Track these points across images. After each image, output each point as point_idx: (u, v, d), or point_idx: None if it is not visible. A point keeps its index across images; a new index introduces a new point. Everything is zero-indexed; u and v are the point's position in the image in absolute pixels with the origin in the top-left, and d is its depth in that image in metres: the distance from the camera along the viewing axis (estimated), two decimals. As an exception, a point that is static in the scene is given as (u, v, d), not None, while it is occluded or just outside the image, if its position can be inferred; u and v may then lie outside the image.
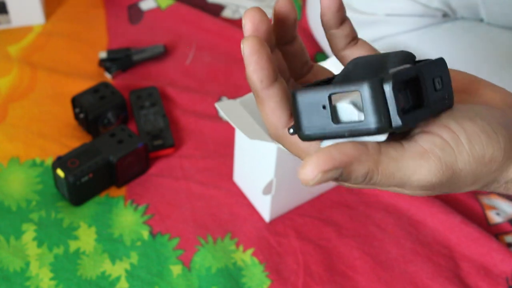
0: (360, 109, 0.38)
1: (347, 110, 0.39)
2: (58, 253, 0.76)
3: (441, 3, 0.89)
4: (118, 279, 0.75)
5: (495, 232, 0.80)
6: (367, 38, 0.92)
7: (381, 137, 0.39)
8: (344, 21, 0.45)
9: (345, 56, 0.47)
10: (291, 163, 0.74)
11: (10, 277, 0.74)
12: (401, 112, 0.37)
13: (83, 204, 0.81)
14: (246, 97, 0.73)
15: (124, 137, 0.81)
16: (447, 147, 0.42)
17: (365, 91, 0.37)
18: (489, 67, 0.87)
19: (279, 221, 0.80)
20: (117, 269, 0.75)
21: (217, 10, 1.09)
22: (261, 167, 0.75)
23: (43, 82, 0.95)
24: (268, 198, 0.77)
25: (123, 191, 0.83)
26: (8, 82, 0.94)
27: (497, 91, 0.46)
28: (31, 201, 0.81)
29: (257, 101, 0.43)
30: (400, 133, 0.41)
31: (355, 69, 0.41)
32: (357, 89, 0.37)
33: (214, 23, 1.04)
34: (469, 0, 0.88)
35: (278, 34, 0.44)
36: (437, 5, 0.90)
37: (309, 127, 0.39)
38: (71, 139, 0.88)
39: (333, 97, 0.39)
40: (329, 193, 0.83)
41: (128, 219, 0.80)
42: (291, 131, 0.41)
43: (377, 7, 0.92)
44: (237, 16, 1.08)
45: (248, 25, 0.41)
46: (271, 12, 0.54)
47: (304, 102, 0.39)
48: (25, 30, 1.02)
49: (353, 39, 0.46)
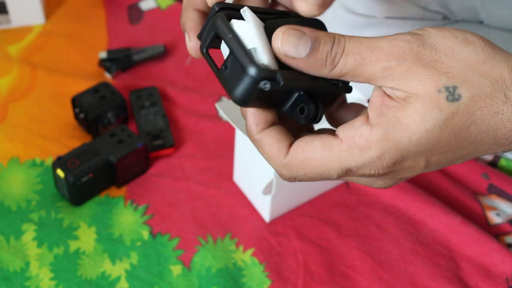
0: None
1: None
2: (58, 253, 0.76)
3: (440, 6, 0.89)
4: (118, 279, 0.75)
5: (495, 232, 0.80)
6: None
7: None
8: None
9: (338, 118, 0.48)
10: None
11: (10, 277, 0.74)
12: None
13: (83, 204, 0.81)
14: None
15: (124, 137, 0.81)
16: (411, 32, 0.43)
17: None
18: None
19: (279, 221, 0.80)
20: (117, 269, 0.75)
21: (217, 10, 1.09)
22: (261, 167, 0.75)
23: (43, 82, 0.95)
24: (268, 198, 0.77)
25: (123, 191, 0.83)
26: (8, 82, 0.94)
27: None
28: (31, 201, 0.81)
29: (255, 144, 0.46)
30: None
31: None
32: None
33: (214, 23, 1.04)
34: (468, 2, 0.88)
35: None
36: (437, 8, 0.90)
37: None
38: (71, 139, 0.88)
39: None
40: (329, 193, 0.83)
41: (128, 219, 0.80)
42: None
43: (376, 10, 0.92)
44: (237, 16, 1.08)
45: None
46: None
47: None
48: (25, 30, 1.02)
49: (343, 102, 0.48)
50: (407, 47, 0.41)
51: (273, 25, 0.44)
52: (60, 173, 0.78)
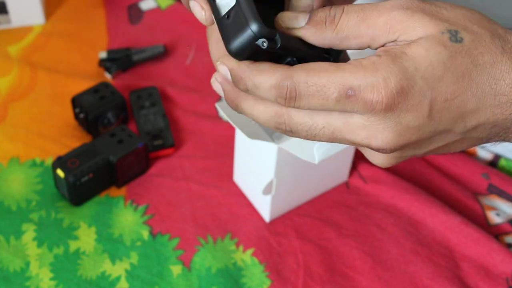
0: None
1: None
2: (58, 253, 0.76)
3: None
4: (118, 279, 0.75)
5: (495, 232, 0.80)
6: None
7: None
8: None
9: None
10: (291, 163, 0.74)
11: (10, 277, 0.74)
12: None
13: (83, 204, 0.81)
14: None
15: (124, 137, 0.81)
16: None
17: None
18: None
19: (279, 221, 0.80)
20: (117, 269, 0.75)
21: (217, 10, 1.09)
22: (261, 167, 0.75)
23: (43, 82, 0.95)
24: (268, 198, 0.77)
25: (123, 191, 0.83)
26: (8, 82, 0.94)
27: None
28: (31, 201, 0.81)
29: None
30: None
31: None
32: None
33: (214, 23, 1.04)
34: (468, 3, 0.88)
35: None
36: None
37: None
38: (71, 139, 0.88)
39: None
40: (329, 193, 0.83)
41: (128, 219, 0.80)
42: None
43: None
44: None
45: None
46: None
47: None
48: (25, 30, 1.02)
49: None
50: (408, 2, 0.43)
51: None
52: (60, 173, 0.78)
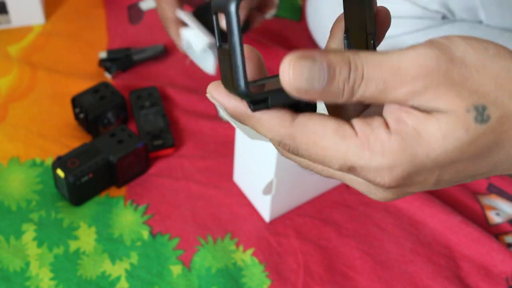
0: None
1: None
2: (58, 253, 0.76)
3: (440, 5, 0.90)
4: (118, 279, 0.75)
5: (495, 232, 0.80)
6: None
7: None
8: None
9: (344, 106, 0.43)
10: (291, 163, 0.74)
11: (10, 277, 0.74)
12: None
13: (83, 204, 0.81)
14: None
15: (124, 137, 0.81)
16: (434, 41, 0.37)
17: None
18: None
19: (279, 221, 0.80)
20: (117, 269, 0.75)
21: (217, 10, 1.09)
22: (261, 167, 0.75)
23: (43, 82, 0.95)
24: (268, 198, 0.77)
25: (123, 191, 0.83)
26: (8, 82, 0.94)
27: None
28: (31, 201, 0.81)
29: (252, 125, 0.41)
30: None
31: None
32: None
33: (214, 23, 1.04)
34: (468, 1, 0.88)
35: None
36: (436, 7, 0.90)
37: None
38: (71, 139, 0.88)
39: None
40: (329, 193, 0.83)
41: (128, 219, 0.80)
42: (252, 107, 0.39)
43: None
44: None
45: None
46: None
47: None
48: (25, 30, 1.02)
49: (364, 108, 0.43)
50: (435, 66, 0.36)
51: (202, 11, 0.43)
52: (60, 173, 0.78)
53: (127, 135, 0.82)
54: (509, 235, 0.80)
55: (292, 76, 0.36)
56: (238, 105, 0.40)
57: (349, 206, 0.82)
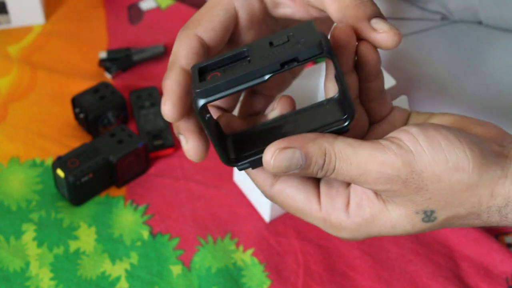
0: None
1: None
2: (58, 253, 0.76)
3: (439, 6, 0.89)
4: (118, 279, 0.75)
5: (495, 232, 0.80)
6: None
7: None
8: (379, 74, 0.48)
9: (372, 107, 0.50)
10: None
11: (10, 277, 0.74)
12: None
13: (83, 204, 0.81)
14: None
15: (124, 137, 0.81)
16: (403, 146, 0.43)
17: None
18: (488, 69, 0.87)
19: (279, 221, 0.80)
20: (117, 269, 0.75)
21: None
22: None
23: (43, 82, 0.95)
24: (268, 198, 0.77)
25: (123, 191, 0.83)
26: (8, 82, 0.94)
27: (483, 125, 0.47)
28: (31, 201, 0.81)
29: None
30: None
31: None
32: None
33: (214, 23, 1.04)
34: (467, 2, 0.88)
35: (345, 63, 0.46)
36: (436, 8, 0.90)
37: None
38: (71, 139, 0.88)
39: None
40: (329, 193, 0.83)
41: (128, 219, 0.80)
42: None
43: None
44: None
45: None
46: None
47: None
48: (25, 30, 1.02)
49: (380, 93, 0.49)
50: (395, 177, 0.43)
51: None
52: (60, 173, 0.78)
53: (127, 135, 0.82)
54: (509, 235, 0.80)
55: (273, 164, 0.44)
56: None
57: (349, 206, 0.82)
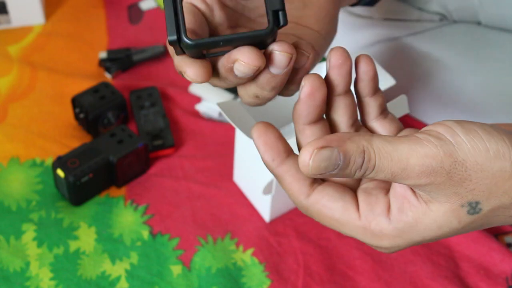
0: None
1: None
2: (58, 253, 0.76)
3: (438, 7, 0.90)
4: (118, 279, 0.75)
5: (495, 232, 0.80)
6: (364, 41, 0.92)
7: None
8: (377, 91, 0.47)
9: (374, 127, 0.49)
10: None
11: (10, 277, 0.74)
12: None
13: (83, 204, 0.81)
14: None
15: (124, 137, 0.82)
16: (442, 137, 0.42)
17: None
18: (487, 70, 0.87)
19: (279, 221, 0.80)
20: (117, 269, 0.75)
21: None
22: (261, 167, 0.74)
23: (43, 82, 0.95)
24: (268, 198, 0.77)
25: (123, 191, 0.83)
26: (8, 82, 0.94)
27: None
28: (31, 201, 0.81)
29: (276, 178, 0.46)
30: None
31: None
32: None
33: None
34: (466, 2, 0.88)
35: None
36: (435, 8, 0.90)
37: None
38: (71, 139, 0.88)
39: None
40: (329, 193, 0.83)
41: (128, 219, 0.80)
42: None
43: (374, 11, 0.92)
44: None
45: (305, 88, 0.44)
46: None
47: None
48: (25, 30, 1.02)
49: (383, 111, 0.48)
50: (439, 168, 0.41)
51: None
52: (60, 173, 0.78)
53: (127, 135, 0.82)
54: (509, 235, 0.80)
55: (311, 166, 0.41)
56: (269, 159, 0.45)
57: (349, 206, 0.82)
